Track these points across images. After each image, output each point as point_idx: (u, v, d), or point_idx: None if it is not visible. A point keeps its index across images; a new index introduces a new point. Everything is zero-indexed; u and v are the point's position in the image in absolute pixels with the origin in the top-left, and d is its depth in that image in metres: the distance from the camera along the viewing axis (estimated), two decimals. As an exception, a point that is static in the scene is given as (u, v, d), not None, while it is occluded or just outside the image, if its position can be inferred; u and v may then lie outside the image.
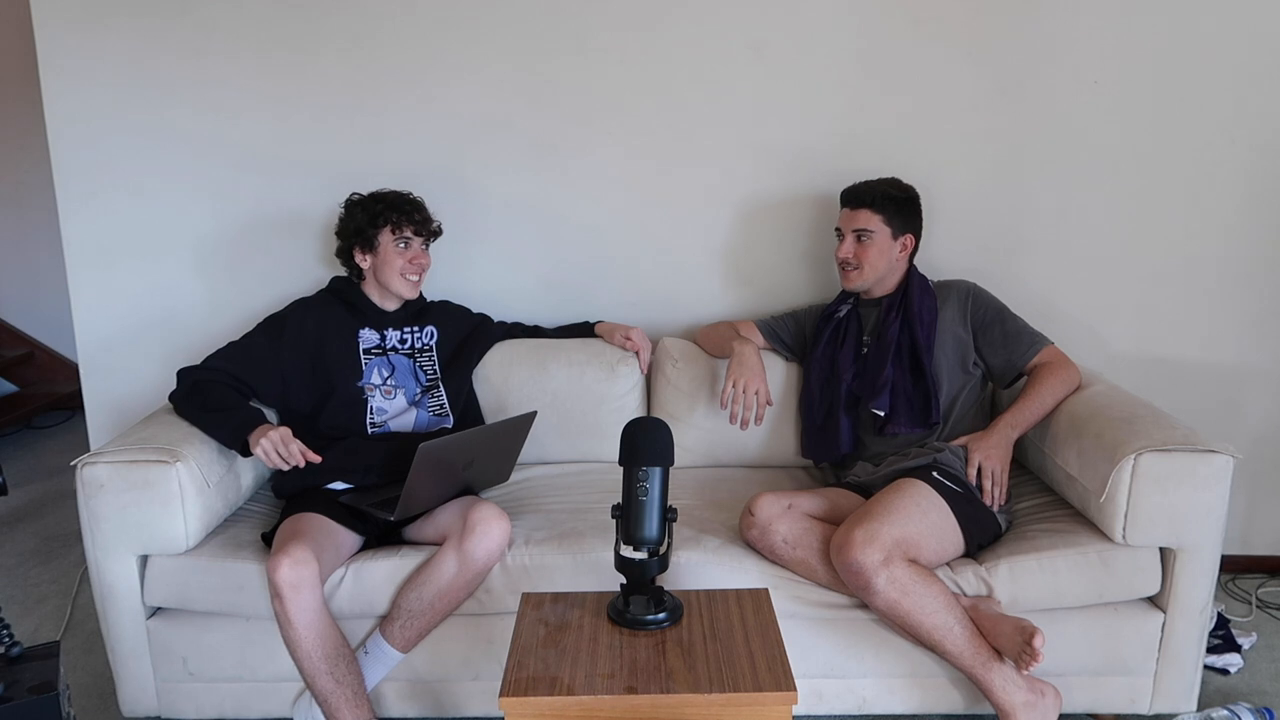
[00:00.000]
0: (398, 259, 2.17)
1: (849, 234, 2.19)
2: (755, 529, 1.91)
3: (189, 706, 1.98)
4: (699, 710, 1.32)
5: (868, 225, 2.17)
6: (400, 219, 2.16)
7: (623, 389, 2.37)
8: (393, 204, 2.17)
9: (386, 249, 2.16)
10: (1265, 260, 2.50)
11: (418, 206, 2.21)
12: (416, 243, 2.19)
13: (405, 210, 2.17)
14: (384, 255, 2.17)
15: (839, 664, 1.93)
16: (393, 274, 2.17)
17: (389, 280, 2.18)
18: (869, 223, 2.17)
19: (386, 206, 2.16)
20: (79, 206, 2.45)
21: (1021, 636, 1.72)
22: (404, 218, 2.16)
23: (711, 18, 2.38)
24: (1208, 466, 1.82)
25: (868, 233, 2.17)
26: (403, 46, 2.39)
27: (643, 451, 1.46)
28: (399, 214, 2.16)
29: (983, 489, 1.98)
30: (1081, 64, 2.39)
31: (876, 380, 2.14)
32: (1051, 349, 2.15)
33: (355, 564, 1.89)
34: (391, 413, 2.17)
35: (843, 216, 2.23)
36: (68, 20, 2.35)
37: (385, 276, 2.18)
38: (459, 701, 1.97)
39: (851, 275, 2.20)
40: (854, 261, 2.19)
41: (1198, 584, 1.89)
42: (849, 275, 2.21)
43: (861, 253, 2.18)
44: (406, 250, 2.18)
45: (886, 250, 2.19)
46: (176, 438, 1.94)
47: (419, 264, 2.20)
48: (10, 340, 4.59)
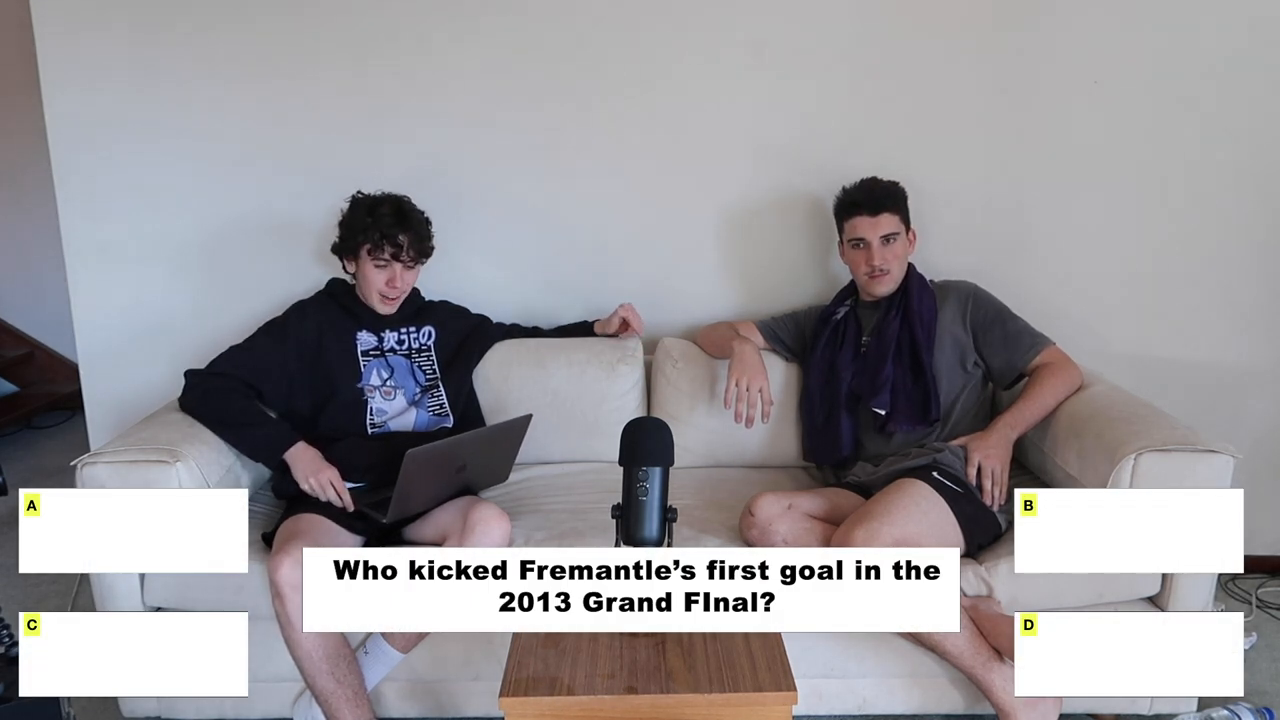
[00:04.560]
0: (375, 278, 2.14)
1: (875, 240, 2.16)
2: (755, 529, 1.91)
3: (189, 707, 1.98)
4: (699, 710, 1.32)
5: (892, 228, 2.16)
6: (381, 240, 2.10)
7: (623, 389, 2.37)
8: (380, 220, 2.10)
9: (365, 265, 2.14)
10: (1265, 260, 2.50)
11: (406, 226, 2.12)
12: (396, 266, 2.14)
13: (389, 234, 2.10)
14: (363, 270, 2.15)
15: (839, 664, 1.92)
16: (370, 291, 2.16)
17: (367, 295, 2.18)
18: (892, 225, 2.17)
19: (374, 222, 2.10)
20: (79, 206, 2.45)
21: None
22: (385, 240, 2.10)
23: (711, 18, 2.38)
24: (1208, 466, 1.82)
25: (894, 235, 2.17)
26: (402, 48, 2.39)
27: (643, 451, 1.46)
28: (380, 236, 2.09)
29: (983, 489, 1.98)
30: (1081, 64, 2.39)
31: (876, 379, 2.14)
32: (1053, 350, 2.15)
33: (355, 564, 1.89)
34: (391, 413, 2.18)
35: (860, 225, 2.18)
36: (68, 21, 2.35)
37: (364, 290, 2.18)
38: (459, 701, 1.97)
39: (884, 280, 2.18)
40: (887, 266, 2.17)
41: (1197, 584, 1.89)
42: (881, 280, 2.17)
43: (892, 257, 2.17)
44: (383, 271, 2.14)
45: (907, 248, 2.21)
46: (176, 438, 1.94)
47: (395, 286, 2.15)
48: (10, 340, 4.60)
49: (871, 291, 2.22)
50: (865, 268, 2.19)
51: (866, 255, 2.18)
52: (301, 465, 1.98)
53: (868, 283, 2.21)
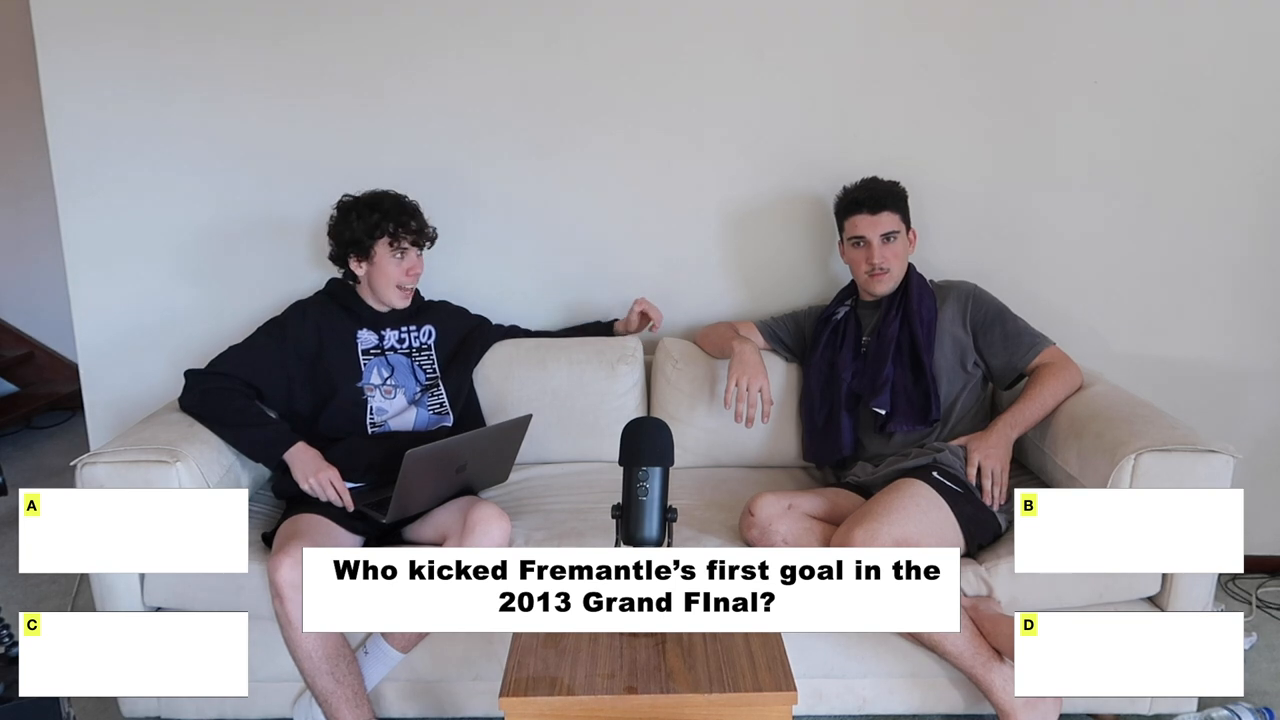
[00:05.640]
0: (394, 270, 2.15)
1: (875, 239, 2.17)
2: (755, 529, 1.91)
3: (189, 707, 1.98)
4: (699, 710, 1.32)
5: (892, 227, 2.17)
6: (398, 229, 2.12)
7: (623, 389, 2.37)
8: (389, 213, 2.12)
9: (383, 259, 2.14)
10: (1266, 260, 2.50)
11: (413, 213, 2.17)
12: (413, 252, 2.17)
13: (402, 220, 2.13)
14: (380, 265, 2.15)
15: (839, 664, 1.93)
16: (388, 285, 2.16)
17: (382, 290, 2.17)
18: (893, 224, 2.17)
19: (383, 216, 2.12)
20: (79, 206, 2.45)
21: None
22: (401, 228, 2.12)
23: (711, 18, 2.38)
24: (1208, 466, 1.82)
25: (894, 234, 2.17)
26: (402, 48, 2.39)
27: (643, 451, 1.46)
28: (396, 224, 2.12)
29: (983, 489, 1.98)
30: (1081, 64, 2.39)
31: (876, 379, 2.14)
32: (1053, 350, 2.15)
33: (355, 564, 1.89)
34: (391, 412, 2.18)
35: (860, 224, 2.18)
36: (68, 21, 2.35)
37: (379, 285, 2.17)
38: (459, 701, 1.97)
39: (884, 279, 2.18)
40: (887, 265, 2.17)
41: (1197, 584, 1.89)
42: (881, 279, 2.18)
43: (892, 255, 2.18)
44: (403, 260, 2.15)
45: (907, 248, 2.21)
46: (176, 438, 1.94)
47: (415, 273, 2.18)
48: (10, 340, 4.60)
49: (871, 290, 2.22)
50: (865, 266, 2.19)
51: (866, 254, 2.18)
52: (301, 465, 1.98)
53: (868, 281, 2.21)
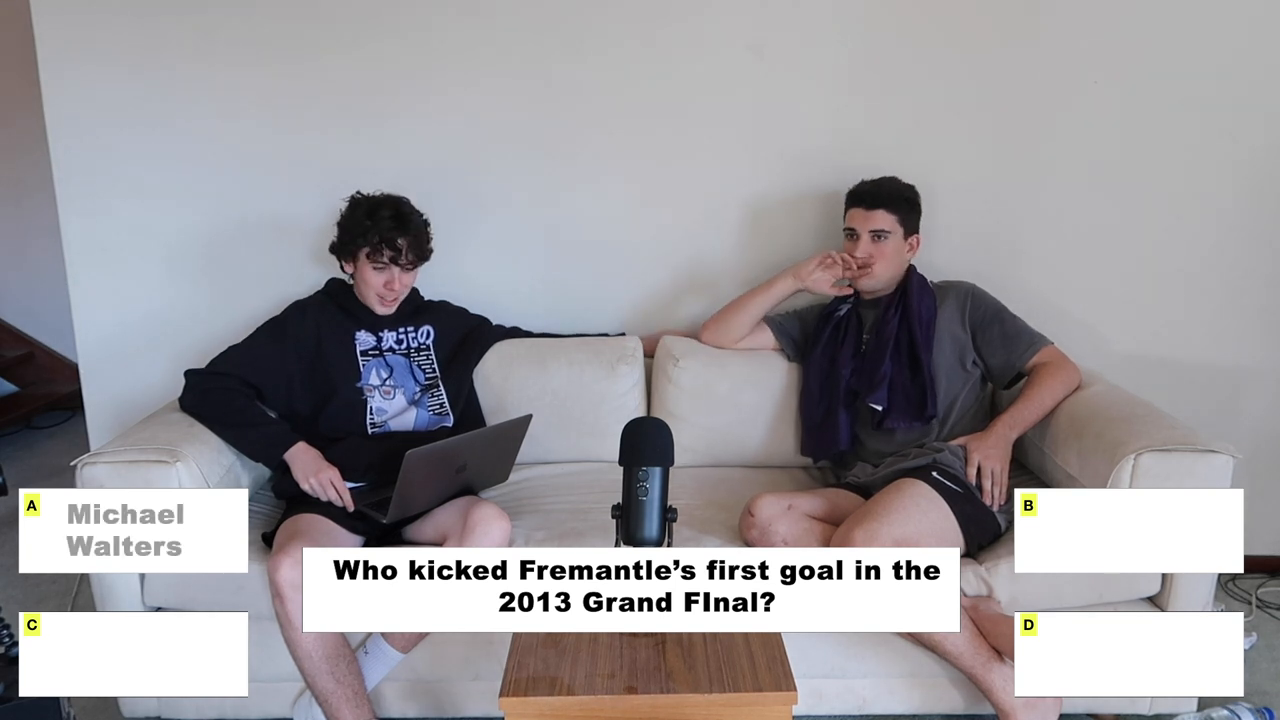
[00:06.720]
0: (374, 280, 2.13)
1: (865, 234, 2.18)
2: (755, 529, 1.91)
3: (189, 707, 1.98)
4: (699, 710, 1.32)
5: (884, 226, 2.17)
6: (380, 246, 2.09)
7: (623, 388, 2.37)
8: (379, 224, 2.08)
9: (364, 267, 2.13)
10: (1265, 260, 2.50)
11: (405, 230, 2.10)
12: (394, 269, 2.13)
13: (388, 237, 2.08)
14: (361, 272, 2.14)
15: (839, 664, 1.93)
16: (369, 292, 2.16)
17: (365, 296, 2.17)
18: (885, 223, 2.17)
19: (372, 227, 2.08)
20: (79, 206, 2.45)
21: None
22: (384, 244, 2.08)
23: (712, 18, 2.38)
24: (1207, 466, 1.82)
25: (884, 233, 2.17)
26: (404, 49, 2.38)
27: (643, 451, 1.46)
28: (380, 238, 2.08)
29: (982, 489, 1.98)
30: (1081, 64, 2.39)
31: (874, 375, 2.15)
32: (1051, 349, 2.15)
33: (355, 564, 1.89)
34: (391, 412, 2.18)
35: (855, 216, 2.20)
36: (68, 20, 2.35)
37: (361, 290, 2.18)
38: (459, 701, 1.97)
39: (866, 275, 2.19)
40: (868, 260, 2.18)
41: (1197, 584, 1.89)
42: (864, 275, 2.19)
43: (878, 253, 2.18)
44: (381, 274, 2.13)
45: (900, 251, 2.20)
46: (176, 438, 1.94)
47: (392, 289, 2.14)
48: (10, 340, 4.59)
49: (858, 286, 2.22)
50: (853, 259, 2.20)
51: (852, 246, 2.19)
52: (301, 465, 1.98)
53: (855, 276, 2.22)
